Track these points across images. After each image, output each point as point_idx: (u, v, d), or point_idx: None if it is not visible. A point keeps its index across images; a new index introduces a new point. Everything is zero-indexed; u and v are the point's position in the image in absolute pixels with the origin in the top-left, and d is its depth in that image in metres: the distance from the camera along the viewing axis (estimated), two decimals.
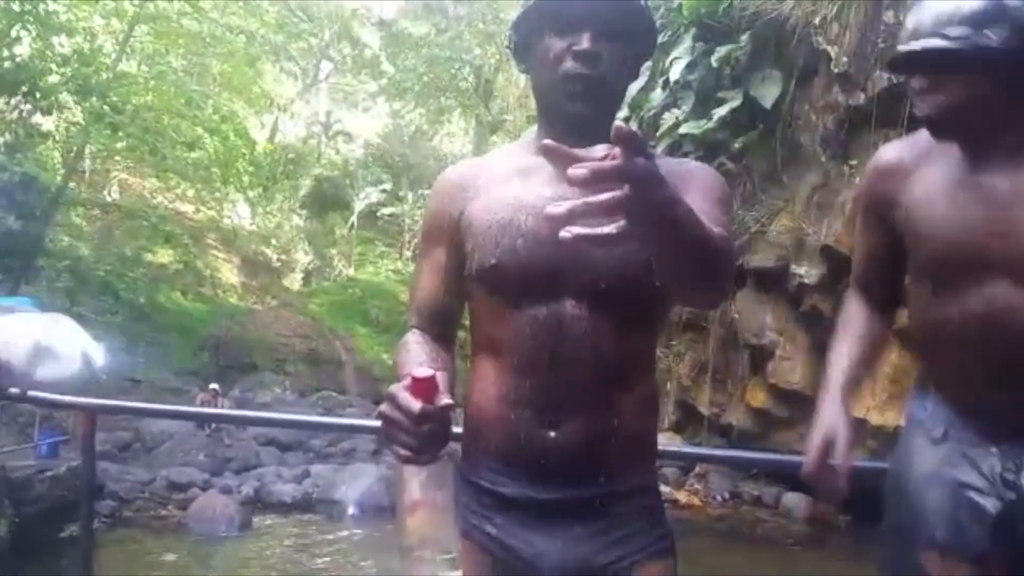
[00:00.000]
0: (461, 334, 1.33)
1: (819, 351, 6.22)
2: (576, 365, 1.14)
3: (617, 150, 0.78)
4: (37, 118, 12.94)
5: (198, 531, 7.85)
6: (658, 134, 6.60)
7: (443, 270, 1.27)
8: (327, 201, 23.22)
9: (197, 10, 14.10)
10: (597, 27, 1.16)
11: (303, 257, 22.48)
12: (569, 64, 1.16)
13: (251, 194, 17.18)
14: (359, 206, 22.35)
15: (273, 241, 22.41)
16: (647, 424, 1.23)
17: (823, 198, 5.90)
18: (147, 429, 10.56)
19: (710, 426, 7.95)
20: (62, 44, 12.57)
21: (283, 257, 22.30)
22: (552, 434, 1.15)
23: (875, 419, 5.59)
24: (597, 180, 0.77)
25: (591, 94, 1.17)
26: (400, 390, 1.00)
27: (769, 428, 7.44)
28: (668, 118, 6.49)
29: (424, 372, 1.00)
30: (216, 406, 10.98)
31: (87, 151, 14.70)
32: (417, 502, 1.02)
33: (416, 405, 0.97)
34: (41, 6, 11.71)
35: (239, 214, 21.85)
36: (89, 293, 14.37)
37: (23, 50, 12.02)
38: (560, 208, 0.78)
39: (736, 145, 6.15)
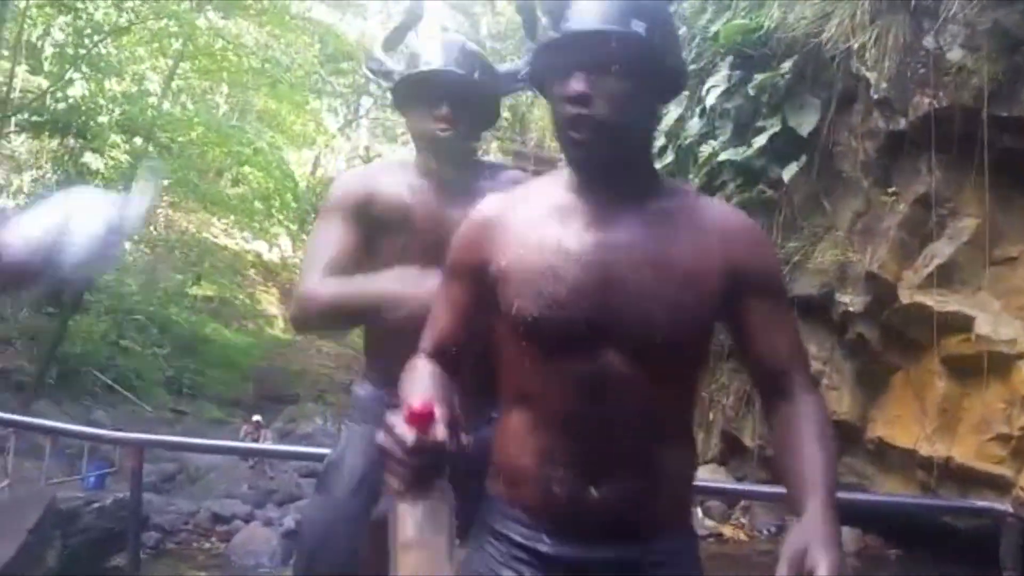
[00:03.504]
0: None
1: (865, 380, 6.09)
2: (619, 422, 1.08)
3: None
4: (86, 156, 13.31)
5: (240, 564, 7.88)
6: (697, 163, 6.58)
7: (463, 309, 1.21)
8: None
9: (238, 47, 14.41)
10: (588, 66, 1.08)
11: None
12: (565, 108, 1.10)
13: (292, 227, 17.46)
14: None
15: None
16: (688, 479, 1.19)
17: (866, 224, 5.80)
18: (191, 461, 10.67)
19: (756, 458, 7.79)
20: (111, 87, 12.93)
21: None
22: (594, 492, 1.08)
23: (924, 450, 5.44)
24: None
25: (591, 137, 1.09)
26: (396, 420, 0.97)
27: None
28: (705, 149, 6.47)
29: (421, 404, 0.97)
30: (259, 438, 11.10)
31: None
32: (411, 541, 0.98)
33: (410, 436, 0.95)
34: (94, 50, 12.09)
35: (281, 247, 22.20)
36: (135, 326, 14.66)
37: (76, 92, 12.40)
38: None
39: (776, 172, 6.10)
